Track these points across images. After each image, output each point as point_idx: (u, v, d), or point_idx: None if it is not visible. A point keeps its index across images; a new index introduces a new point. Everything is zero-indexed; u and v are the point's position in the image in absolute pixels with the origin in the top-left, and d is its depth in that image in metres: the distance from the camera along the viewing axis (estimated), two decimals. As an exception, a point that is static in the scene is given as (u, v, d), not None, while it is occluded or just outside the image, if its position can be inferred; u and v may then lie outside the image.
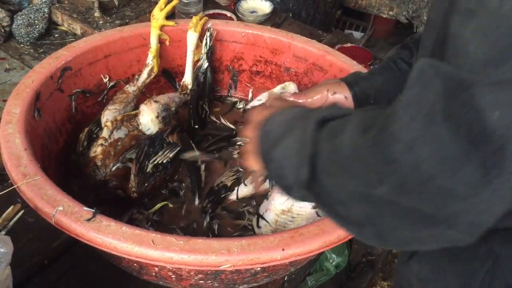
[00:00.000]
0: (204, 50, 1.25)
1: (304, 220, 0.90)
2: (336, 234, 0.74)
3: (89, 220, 0.72)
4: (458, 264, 0.78)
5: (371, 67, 1.02)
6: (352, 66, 1.17)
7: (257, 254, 0.70)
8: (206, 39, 1.24)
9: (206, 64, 1.24)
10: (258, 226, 0.96)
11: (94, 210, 0.73)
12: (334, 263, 1.80)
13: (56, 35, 1.61)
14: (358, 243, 1.86)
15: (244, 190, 1.05)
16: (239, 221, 1.01)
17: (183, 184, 1.08)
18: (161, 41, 1.22)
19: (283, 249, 0.71)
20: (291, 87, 0.99)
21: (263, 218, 0.95)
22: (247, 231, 1.00)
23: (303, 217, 0.90)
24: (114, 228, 0.71)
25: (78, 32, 1.57)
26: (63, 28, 1.62)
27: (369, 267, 1.94)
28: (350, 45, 1.76)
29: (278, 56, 1.27)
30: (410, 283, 0.85)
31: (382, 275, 2.04)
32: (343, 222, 0.57)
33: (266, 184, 0.98)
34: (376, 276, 2.01)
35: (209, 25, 1.25)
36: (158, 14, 1.20)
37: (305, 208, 0.90)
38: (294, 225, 0.91)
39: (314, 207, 0.89)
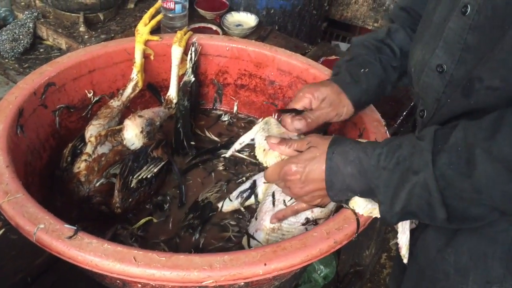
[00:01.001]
0: (189, 64, 1.26)
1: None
2: (318, 248, 0.75)
3: (70, 237, 0.72)
4: (498, 246, 0.82)
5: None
6: (335, 79, 1.18)
7: (239, 269, 0.70)
8: (191, 54, 1.25)
9: (192, 79, 1.25)
10: (250, 246, 0.96)
11: (75, 228, 0.73)
12: (322, 274, 1.80)
13: (41, 50, 1.61)
14: (346, 254, 1.86)
15: (229, 205, 1.05)
16: (224, 234, 1.02)
17: (168, 198, 1.08)
18: (145, 56, 1.23)
19: (265, 264, 0.71)
20: (272, 121, 0.98)
21: (254, 238, 0.94)
22: (230, 242, 1.00)
23: (294, 233, 0.90)
24: (95, 245, 0.71)
25: (63, 46, 1.57)
26: (48, 43, 1.62)
27: (357, 278, 1.95)
28: (335, 57, 1.78)
29: (262, 69, 1.28)
30: (447, 274, 0.88)
31: (370, 285, 2.04)
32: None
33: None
34: (364, 286, 2.01)
35: (193, 40, 1.26)
36: (143, 29, 1.21)
37: (294, 225, 0.90)
38: None
39: (303, 224, 0.90)
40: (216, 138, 1.26)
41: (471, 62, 0.77)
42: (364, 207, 0.80)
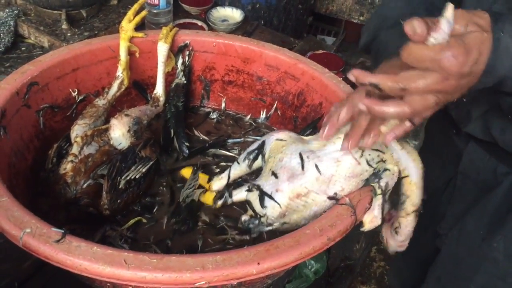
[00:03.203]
0: (181, 67, 1.25)
1: (316, 206, 0.86)
2: (311, 245, 0.74)
3: (58, 241, 0.70)
4: None
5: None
6: (323, 73, 1.17)
7: (232, 269, 0.69)
8: (185, 57, 1.24)
9: (184, 81, 1.26)
10: (264, 206, 0.89)
11: (63, 231, 0.71)
12: (313, 270, 1.80)
13: (23, 49, 1.57)
14: (336, 248, 1.86)
15: (238, 169, 0.99)
16: (222, 237, 0.98)
17: (157, 198, 1.06)
18: (131, 53, 1.20)
19: (258, 263, 0.70)
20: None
21: (272, 198, 0.87)
22: (228, 245, 0.97)
23: (317, 203, 0.86)
24: (84, 248, 0.69)
25: (46, 45, 1.54)
26: (30, 41, 1.58)
27: (348, 272, 1.95)
28: (322, 51, 1.77)
29: (249, 65, 1.27)
30: (496, 261, 0.92)
31: (361, 279, 2.05)
32: None
33: None
34: (355, 280, 2.02)
35: (187, 42, 1.24)
36: (127, 26, 1.18)
37: (321, 195, 0.85)
38: (305, 210, 0.87)
39: (329, 198, 0.85)
40: (205, 137, 1.24)
41: None
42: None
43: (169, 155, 1.18)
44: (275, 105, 1.27)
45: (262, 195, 0.89)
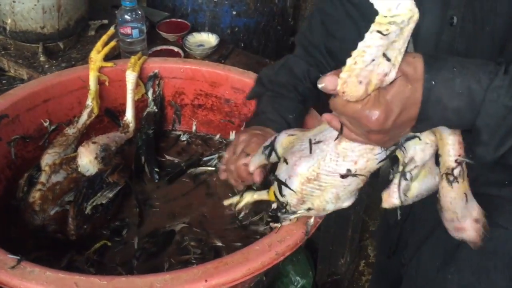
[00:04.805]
0: (151, 97, 1.30)
1: (334, 188, 0.80)
2: (260, 261, 0.77)
3: (13, 267, 0.73)
4: (499, 259, 0.85)
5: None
6: (286, 93, 1.21)
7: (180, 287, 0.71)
8: (155, 87, 1.30)
9: (156, 110, 1.31)
10: (282, 195, 0.85)
11: (18, 258, 0.74)
12: (299, 286, 1.81)
13: (4, 82, 1.62)
14: (322, 263, 1.88)
15: (257, 160, 0.94)
16: (185, 257, 1.02)
17: (126, 221, 1.09)
18: (101, 82, 1.25)
19: (206, 280, 0.72)
20: None
21: (287, 186, 0.83)
22: (189, 265, 1.00)
23: (333, 185, 0.80)
24: (38, 273, 0.72)
25: (25, 77, 1.59)
26: (10, 74, 1.63)
27: (335, 287, 1.96)
28: (296, 71, 1.81)
29: (217, 88, 1.31)
30: None
31: (348, 293, 2.06)
32: None
33: None
34: (342, 295, 2.02)
35: (156, 71, 1.29)
36: (96, 57, 1.23)
37: (333, 177, 0.79)
38: (323, 194, 0.81)
39: (342, 176, 0.78)
40: (175, 159, 1.28)
41: None
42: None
43: (142, 180, 1.21)
44: (243, 126, 1.31)
45: (279, 184, 0.85)
